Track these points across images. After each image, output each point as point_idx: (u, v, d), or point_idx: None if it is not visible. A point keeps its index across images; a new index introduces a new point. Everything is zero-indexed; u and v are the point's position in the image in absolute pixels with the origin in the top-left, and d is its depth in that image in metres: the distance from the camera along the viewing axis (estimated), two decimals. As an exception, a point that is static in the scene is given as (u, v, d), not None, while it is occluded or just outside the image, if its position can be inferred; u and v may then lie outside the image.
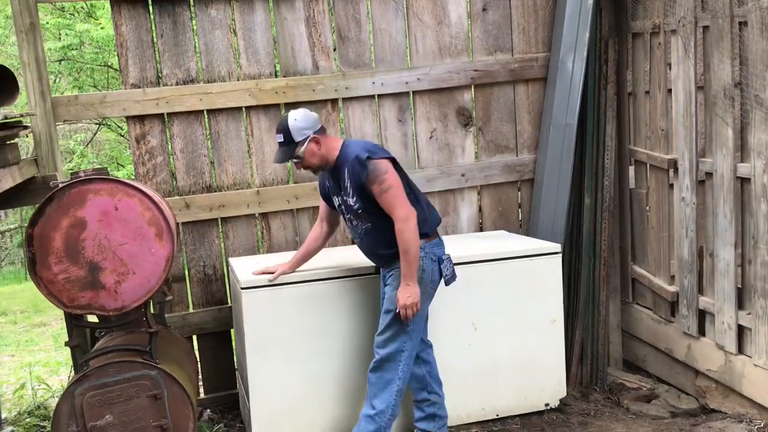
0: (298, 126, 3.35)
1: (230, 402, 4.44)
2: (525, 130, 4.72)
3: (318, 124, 3.41)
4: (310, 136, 3.35)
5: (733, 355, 3.86)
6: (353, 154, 3.31)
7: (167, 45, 4.18)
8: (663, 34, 4.14)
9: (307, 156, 3.37)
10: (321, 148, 3.38)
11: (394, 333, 3.43)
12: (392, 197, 3.26)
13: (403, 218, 3.25)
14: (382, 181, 3.26)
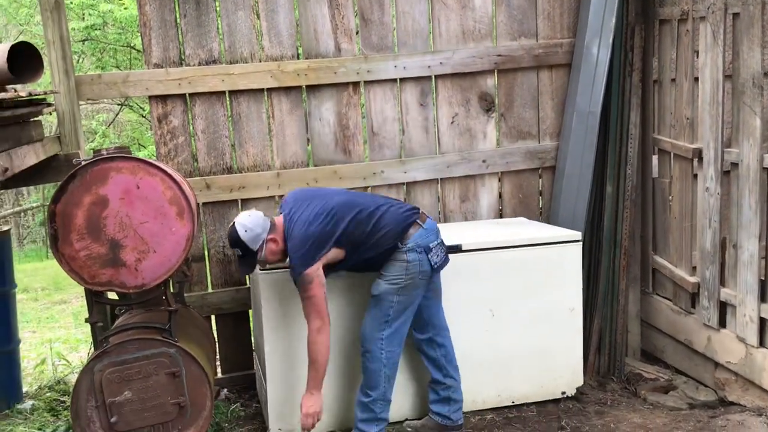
0: (251, 235, 3.35)
1: (247, 382, 4.47)
2: (548, 117, 4.68)
3: (266, 222, 3.40)
4: (265, 239, 3.37)
5: (754, 348, 3.81)
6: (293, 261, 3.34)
7: (190, 25, 4.18)
8: (691, 21, 4.07)
9: (269, 257, 3.42)
10: (279, 244, 3.41)
11: (375, 321, 3.47)
12: (308, 306, 3.32)
13: (315, 330, 3.31)
14: (304, 290, 3.31)
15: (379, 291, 3.45)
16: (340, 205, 3.42)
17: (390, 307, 3.44)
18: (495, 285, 3.89)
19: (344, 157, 4.45)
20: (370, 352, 3.47)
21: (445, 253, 3.55)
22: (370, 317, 3.49)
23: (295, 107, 4.37)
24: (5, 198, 15.95)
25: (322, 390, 3.41)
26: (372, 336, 3.47)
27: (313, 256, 3.31)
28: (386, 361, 3.48)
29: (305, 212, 3.39)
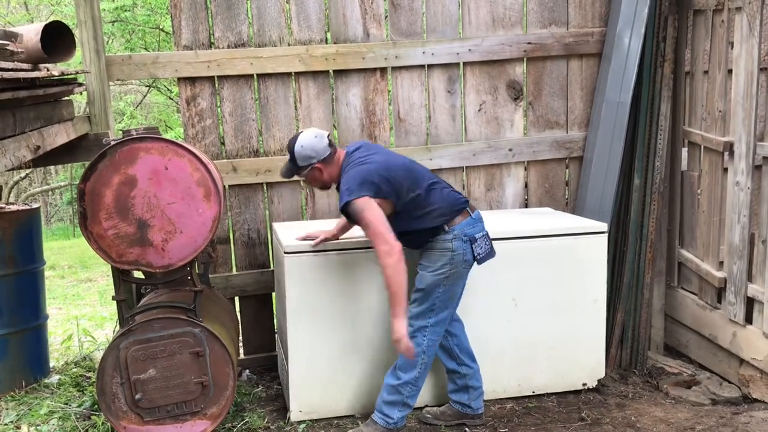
0: (303, 154, 3.39)
1: (269, 364, 4.51)
2: (576, 107, 4.63)
3: (325, 151, 3.41)
4: (313, 164, 3.41)
5: (780, 345, 3.77)
6: (344, 185, 3.34)
7: (220, 8, 4.19)
8: (727, 12, 4.00)
9: (309, 179, 3.50)
10: (324, 176, 3.45)
11: (421, 311, 3.46)
12: (371, 235, 3.27)
13: (384, 254, 3.24)
14: (361, 219, 3.28)
15: (425, 284, 3.43)
16: (402, 166, 3.44)
17: (436, 297, 3.44)
18: (519, 274, 3.87)
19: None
20: (414, 338, 3.43)
21: (490, 247, 3.52)
22: (415, 307, 3.47)
23: (322, 92, 4.37)
24: (33, 177, 16.19)
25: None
26: (416, 323, 3.45)
27: (360, 190, 3.29)
28: (426, 349, 3.47)
29: (369, 157, 3.41)
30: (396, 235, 3.30)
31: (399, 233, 3.35)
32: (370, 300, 3.74)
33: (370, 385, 3.79)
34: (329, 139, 3.45)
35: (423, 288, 3.45)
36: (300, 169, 3.44)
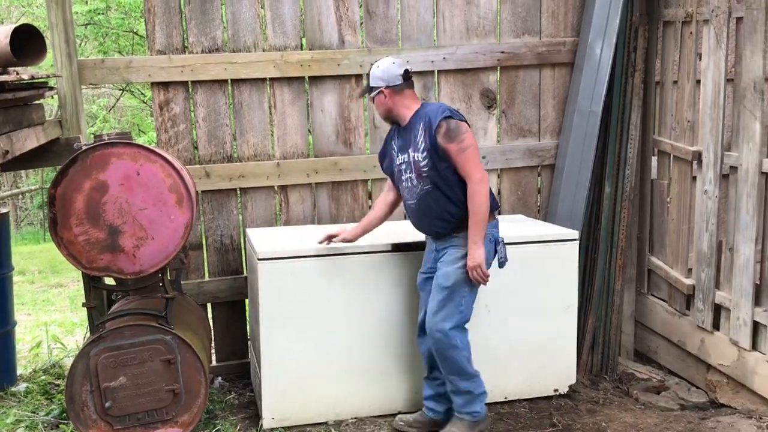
0: (377, 75, 3.43)
1: (242, 371, 4.49)
2: (548, 115, 4.68)
3: (396, 79, 3.41)
4: (381, 88, 3.41)
5: (746, 351, 3.84)
6: (433, 111, 3.34)
7: (194, 13, 4.17)
8: (695, 24, 4.08)
9: (376, 102, 3.48)
10: (389, 102, 3.43)
11: (449, 311, 3.41)
12: (470, 156, 3.26)
13: (478, 180, 3.26)
14: (461, 140, 3.26)
15: (450, 282, 3.39)
16: None
17: (462, 296, 3.41)
18: (492, 281, 3.88)
19: (345, 149, 4.46)
20: (446, 340, 3.40)
21: (506, 251, 3.54)
22: (441, 308, 3.41)
23: (297, 98, 4.37)
24: (3, 180, 15.94)
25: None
26: (444, 326, 3.40)
27: (459, 116, 3.35)
28: (462, 345, 3.44)
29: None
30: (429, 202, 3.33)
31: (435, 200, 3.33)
32: (345, 307, 3.74)
33: (343, 392, 3.79)
34: (407, 72, 3.44)
35: (449, 286, 3.40)
36: (370, 90, 3.47)
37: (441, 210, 3.38)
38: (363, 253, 3.75)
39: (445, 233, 3.44)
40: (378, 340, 3.80)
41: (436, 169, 3.33)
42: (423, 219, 3.49)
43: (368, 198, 4.56)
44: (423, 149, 3.33)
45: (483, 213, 3.28)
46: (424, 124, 3.33)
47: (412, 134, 3.39)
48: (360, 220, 4.45)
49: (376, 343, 3.80)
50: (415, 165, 3.39)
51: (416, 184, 3.41)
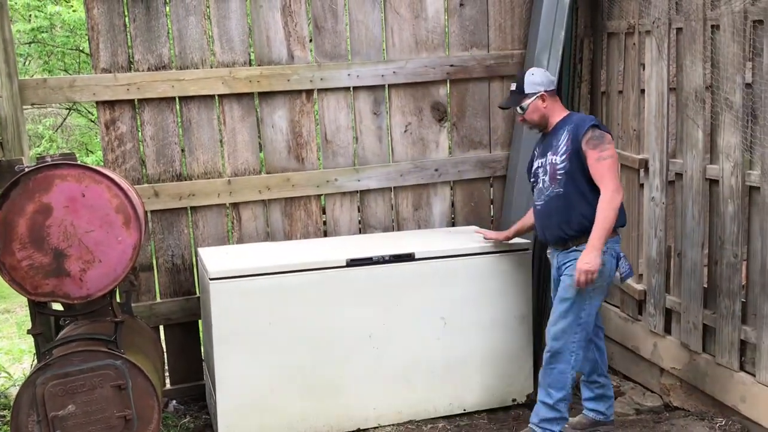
0: (533, 80, 3.52)
1: (197, 393, 4.40)
2: (499, 127, 4.73)
3: (552, 84, 3.56)
4: (540, 92, 3.49)
5: (697, 354, 3.91)
6: (581, 119, 3.47)
7: (140, 30, 4.10)
8: (638, 35, 4.17)
9: (530, 109, 3.54)
10: (545, 107, 3.52)
11: (568, 324, 3.45)
12: (608, 167, 3.33)
13: (613, 189, 3.31)
14: (603, 149, 3.34)
15: (572, 294, 3.42)
16: None
17: (582, 309, 3.44)
18: (448, 293, 3.91)
19: (297, 165, 4.43)
20: (561, 354, 3.45)
21: (630, 266, 3.58)
22: (563, 319, 3.45)
23: (247, 114, 4.33)
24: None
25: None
26: (565, 338, 3.45)
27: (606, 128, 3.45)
28: (574, 364, 3.49)
29: None
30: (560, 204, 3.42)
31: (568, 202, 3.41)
32: (301, 324, 3.70)
33: (301, 411, 3.74)
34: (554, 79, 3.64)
35: (570, 297, 3.43)
36: (525, 97, 3.51)
37: (567, 214, 3.45)
38: (317, 269, 3.72)
39: (567, 239, 3.49)
40: (335, 357, 3.76)
41: (571, 174, 3.42)
42: (547, 221, 3.55)
43: (322, 213, 4.53)
44: (563, 152, 3.43)
45: (610, 222, 3.32)
46: (570, 129, 3.43)
47: (555, 139, 3.49)
48: (314, 236, 4.47)
49: (334, 359, 3.76)
50: (551, 167, 3.47)
51: (548, 185, 3.50)
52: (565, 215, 3.46)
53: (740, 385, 3.65)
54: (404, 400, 3.90)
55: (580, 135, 3.39)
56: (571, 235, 3.48)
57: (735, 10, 3.44)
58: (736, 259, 3.62)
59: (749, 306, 3.60)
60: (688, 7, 3.73)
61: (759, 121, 3.41)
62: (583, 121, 3.45)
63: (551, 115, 3.57)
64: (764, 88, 3.36)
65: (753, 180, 3.48)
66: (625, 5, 4.24)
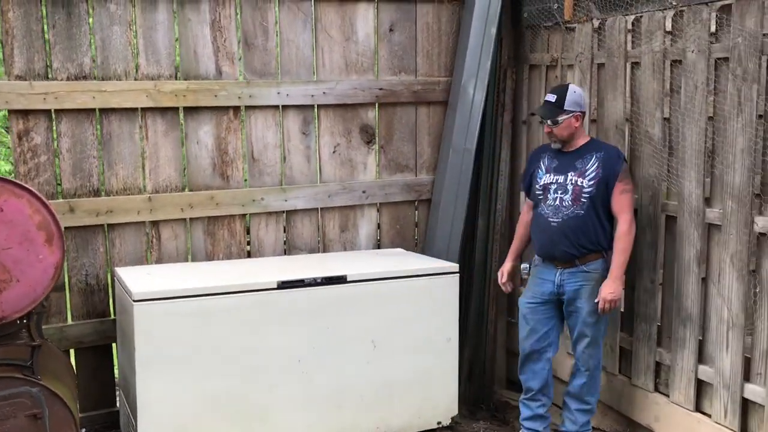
0: (574, 99, 3.67)
1: (109, 421, 4.16)
2: (425, 152, 4.80)
3: (585, 108, 3.77)
4: (576, 112, 3.64)
5: (613, 376, 4.08)
6: (613, 150, 3.69)
7: (59, 37, 3.89)
8: (560, 68, 4.35)
9: (563, 125, 3.66)
10: (575, 126, 3.68)
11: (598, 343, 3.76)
12: (628, 200, 3.62)
13: (630, 221, 3.60)
14: (627, 183, 3.63)
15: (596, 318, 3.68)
16: None
17: (605, 324, 3.79)
18: (379, 316, 3.89)
19: (222, 183, 4.31)
20: (598, 368, 3.80)
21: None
22: (592, 338, 3.71)
23: (171, 129, 4.18)
24: None
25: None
26: (597, 355, 3.77)
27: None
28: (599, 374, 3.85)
29: None
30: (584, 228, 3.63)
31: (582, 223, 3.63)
32: (230, 349, 3.58)
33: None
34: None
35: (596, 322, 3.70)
36: (563, 112, 3.63)
37: (584, 235, 3.64)
38: (247, 292, 3.62)
39: (576, 258, 3.67)
40: (264, 382, 3.66)
41: (594, 200, 3.63)
42: (560, 238, 3.67)
43: (246, 233, 4.43)
44: (592, 178, 3.63)
45: (629, 252, 3.61)
46: (600, 157, 3.64)
47: (580, 161, 3.68)
48: (237, 257, 4.35)
49: (262, 385, 3.66)
50: (575, 188, 3.64)
51: (569, 205, 3.66)
52: (582, 236, 3.66)
53: (654, 405, 3.84)
54: (333, 425, 3.84)
55: (617, 167, 3.61)
56: (582, 253, 3.68)
57: (655, 49, 3.66)
58: (652, 285, 3.81)
59: (664, 329, 3.79)
60: (610, 44, 3.93)
61: (677, 154, 3.63)
62: (616, 153, 3.68)
63: (577, 136, 3.73)
64: (681, 122, 3.58)
65: (670, 209, 3.69)
66: (550, 39, 4.42)
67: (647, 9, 3.68)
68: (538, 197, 3.81)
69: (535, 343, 3.86)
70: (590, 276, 3.67)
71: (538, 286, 3.84)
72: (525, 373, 3.93)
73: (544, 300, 3.80)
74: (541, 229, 3.78)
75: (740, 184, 3.28)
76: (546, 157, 3.84)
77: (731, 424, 3.39)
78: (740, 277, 3.32)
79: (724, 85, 3.34)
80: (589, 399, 3.83)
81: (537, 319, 3.83)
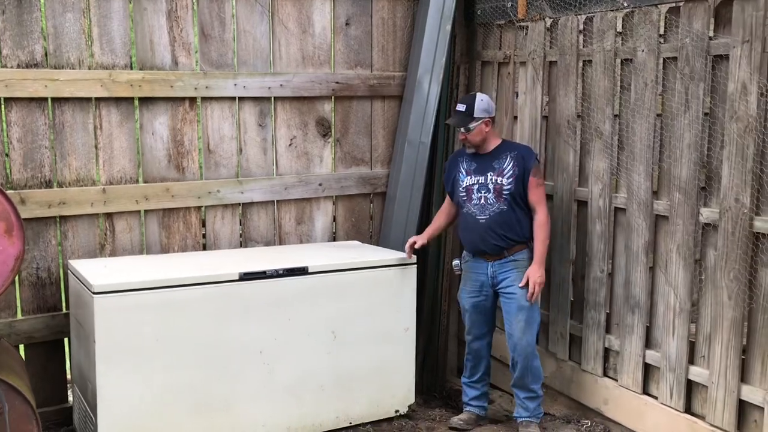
0: (482, 107, 3.90)
1: (61, 417, 4.07)
2: (380, 145, 4.86)
3: (493, 113, 3.99)
4: (486, 118, 3.87)
5: (563, 362, 4.24)
6: (525, 149, 3.97)
7: (9, 23, 3.78)
8: (513, 65, 4.48)
9: (475, 131, 3.90)
10: (486, 131, 3.92)
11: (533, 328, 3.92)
12: (543, 193, 3.92)
13: (546, 213, 3.89)
14: (540, 177, 3.92)
15: (528, 304, 3.87)
16: None
17: (537, 312, 3.96)
18: (339, 307, 3.94)
19: (178, 175, 4.27)
20: (533, 353, 3.94)
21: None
22: (528, 326, 3.89)
23: (126, 119, 4.12)
24: None
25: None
26: (533, 341, 3.93)
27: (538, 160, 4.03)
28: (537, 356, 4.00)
29: None
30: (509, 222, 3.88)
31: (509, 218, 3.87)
32: (192, 341, 3.56)
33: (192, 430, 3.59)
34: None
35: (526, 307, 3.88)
36: (473, 119, 3.87)
37: (510, 227, 3.88)
38: (209, 284, 3.60)
39: (505, 249, 3.91)
40: (226, 374, 3.66)
41: (514, 195, 3.87)
42: (488, 233, 3.91)
43: (202, 226, 4.39)
44: (510, 175, 3.87)
45: (549, 239, 3.92)
46: (515, 156, 3.90)
47: (497, 162, 3.92)
48: (192, 249, 4.32)
49: (224, 376, 3.65)
50: (494, 187, 3.89)
51: (493, 202, 3.90)
52: (508, 229, 3.89)
53: (604, 389, 4.01)
54: (293, 415, 3.87)
55: (529, 164, 3.87)
56: (509, 245, 3.90)
57: (606, 48, 3.82)
58: (602, 274, 3.98)
59: (613, 316, 3.97)
60: (563, 43, 4.08)
61: (625, 149, 3.80)
62: (528, 151, 3.95)
63: (489, 139, 3.96)
64: (630, 118, 3.75)
65: (619, 202, 3.86)
66: (502, 36, 4.54)
67: (599, 9, 3.83)
68: (462, 199, 4.02)
69: (476, 331, 4.11)
70: (519, 264, 3.92)
71: (473, 280, 4.06)
72: (471, 359, 4.21)
73: (482, 291, 4.04)
74: (470, 228, 4.00)
75: (687, 177, 3.46)
76: (464, 161, 4.05)
77: (676, 405, 3.58)
78: (686, 266, 3.51)
79: (673, 83, 3.51)
80: (533, 387, 3.99)
81: (477, 310, 4.08)
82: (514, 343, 3.94)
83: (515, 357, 3.97)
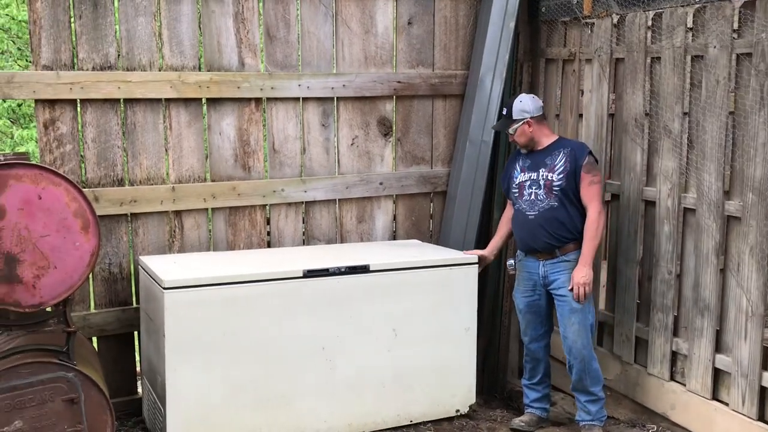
0: (520, 107, 3.90)
1: (131, 408, 4.20)
2: (440, 144, 4.85)
3: (538, 111, 3.92)
4: (526, 118, 3.85)
5: (629, 365, 4.15)
6: (578, 145, 3.91)
7: (86, 27, 3.92)
8: (578, 62, 4.41)
9: (518, 133, 3.91)
10: (531, 131, 3.89)
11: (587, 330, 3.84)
12: (597, 191, 3.80)
13: (600, 211, 3.78)
14: (595, 174, 3.82)
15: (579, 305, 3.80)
16: None
17: (591, 313, 3.89)
18: (399, 305, 3.95)
19: (244, 174, 4.36)
20: (591, 357, 3.87)
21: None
22: (582, 328, 3.83)
23: (195, 120, 4.22)
24: None
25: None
26: (588, 343, 3.85)
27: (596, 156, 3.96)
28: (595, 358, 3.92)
29: None
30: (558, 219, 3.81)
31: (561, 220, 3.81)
32: (256, 336, 3.63)
33: (256, 423, 3.67)
34: (542, 104, 4.00)
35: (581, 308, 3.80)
36: (513, 122, 3.89)
37: (561, 225, 3.82)
38: (275, 280, 3.67)
39: (556, 248, 3.85)
40: (288, 369, 3.72)
41: (565, 191, 3.81)
42: (538, 230, 3.86)
43: (266, 224, 4.47)
44: (561, 171, 3.82)
45: (599, 239, 3.82)
46: (567, 152, 3.85)
47: (549, 158, 3.88)
48: (257, 246, 4.40)
49: (287, 372, 3.72)
50: (545, 183, 3.85)
51: (543, 198, 3.86)
52: (559, 225, 3.83)
53: (671, 393, 3.92)
54: (355, 412, 3.91)
55: (580, 160, 3.80)
56: (560, 243, 3.84)
57: (676, 44, 3.73)
58: (669, 276, 3.88)
59: (681, 319, 3.87)
60: (630, 40, 4.00)
61: (695, 148, 3.70)
62: (581, 147, 3.88)
63: (539, 138, 3.94)
64: (701, 117, 3.65)
65: (689, 202, 3.76)
66: (567, 34, 4.48)
67: (668, 5, 3.74)
68: (514, 195, 4.01)
69: (532, 332, 4.07)
70: (572, 265, 3.83)
71: (526, 279, 4.03)
72: (529, 361, 4.16)
73: (535, 291, 3.99)
74: (521, 224, 3.97)
75: (761, 177, 3.35)
76: (520, 159, 4.04)
77: (749, 412, 3.47)
78: (760, 268, 3.40)
79: (747, 80, 3.40)
80: (593, 389, 3.92)
81: (531, 310, 4.03)
82: (569, 345, 3.88)
83: (571, 360, 3.92)
